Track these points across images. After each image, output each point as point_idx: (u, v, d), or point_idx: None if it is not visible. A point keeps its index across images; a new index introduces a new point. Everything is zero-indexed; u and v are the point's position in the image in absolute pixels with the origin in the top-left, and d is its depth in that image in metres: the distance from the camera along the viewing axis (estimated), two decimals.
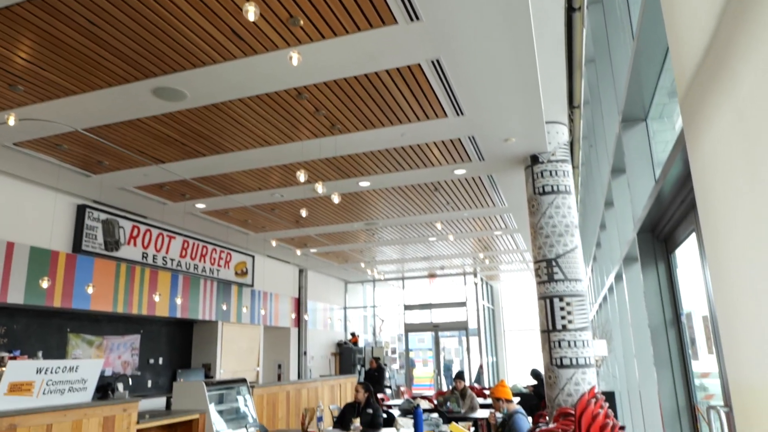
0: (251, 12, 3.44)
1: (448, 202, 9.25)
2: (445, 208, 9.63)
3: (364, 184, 8.05)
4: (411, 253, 13.81)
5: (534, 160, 6.93)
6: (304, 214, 7.29)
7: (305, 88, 5.12)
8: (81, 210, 8.12)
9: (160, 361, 10.40)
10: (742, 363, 1.29)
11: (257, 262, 12.70)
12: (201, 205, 8.87)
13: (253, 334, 12.68)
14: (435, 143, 6.56)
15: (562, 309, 6.34)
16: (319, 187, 5.88)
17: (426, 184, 8.23)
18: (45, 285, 6.77)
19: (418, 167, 7.42)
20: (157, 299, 9.20)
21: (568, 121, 7.00)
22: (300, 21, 4.07)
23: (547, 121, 6.59)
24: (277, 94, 5.25)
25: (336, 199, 6.47)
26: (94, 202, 8.37)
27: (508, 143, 6.57)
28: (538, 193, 6.79)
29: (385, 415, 7.40)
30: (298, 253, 11.25)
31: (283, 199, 8.67)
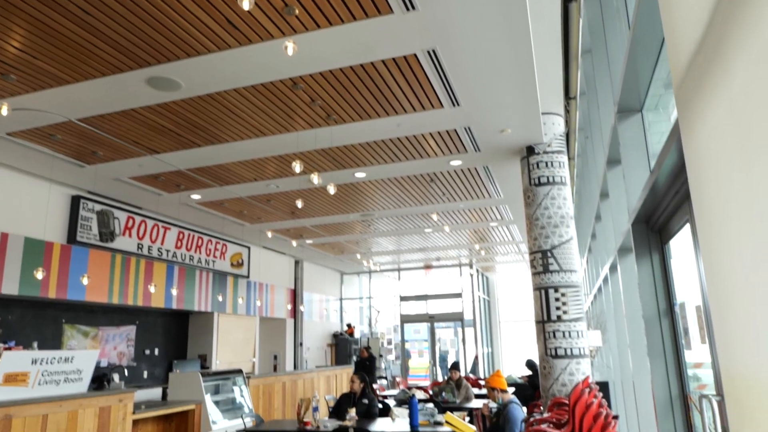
0: (246, 1, 3.41)
1: (444, 193, 9.26)
2: (441, 199, 9.63)
3: (360, 174, 8.04)
4: (407, 244, 13.83)
5: (530, 151, 6.93)
6: (299, 205, 7.28)
7: (300, 78, 5.10)
8: (75, 201, 8.08)
9: (156, 352, 10.41)
10: (734, 352, 1.30)
11: (253, 253, 12.70)
12: (196, 196, 8.85)
13: (249, 325, 12.69)
14: (431, 134, 6.55)
15: (557, 300, 6.37)
16: (314, 178, 5.87)
17: (422, 175, 8.22)
18: (40, 276, 6.75)
19: (414, 158, 7.41)
20: (152, 290, 9.19)
21: (564, 112, 7.00)
22: (295, 10, 4.04)
23: (543, 112, 6.58)
24: (272, 84, 5.22)
25: (332, 189, 6.46)
26: (89, 192, 8.33)
27: (504, 134, 6.57)
28: (534, 184, 6.80)
29: (380, 406, 7.44)
30: (294, 244, 11.24)
31: (278, 190, 8.66)
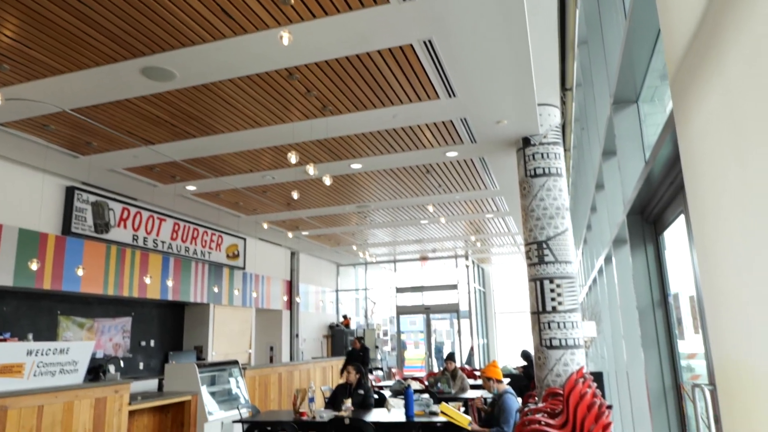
0: None
1: (439, 185, 9.25)
2: (436, 191, 9.63)
3: (356, 166, 8.02)
4: (403, 235, 13.84)
5: (526, 142, 6.93)
6: (295, 196, 7.26)
7: (296, 68, 5.07)
8: (70, 192, 8.04)
9: (152, 343, 10.41)
10: (727, 342, 1.31)
11: (249, 245, 12.68)
12: (192, 187, 8.82)
13: (245, 316, 12.71)
14: (427, 125, 6.54)
15: (552, 291, 6.39)
16: (310, 169, 5.85)
17: (418, 167, 8.21)
18: (34, 267, 6.72)
19: (410, 149, 7.39)
20: (148, 282, 9.18)
21: (561, 104, 6.99)
22: None
23: (540, 104, 6.57)
24: (267, 75, 5.20)
25: (327, 181, 6.45)
26: (83, 183, 8.29)
27: (500, 125, 6.56)
28: (530, 175, 6.80)
29: (376, 396, 7.47)
30: (290, 235, 11.24)
31: (274, 181, 8.64)
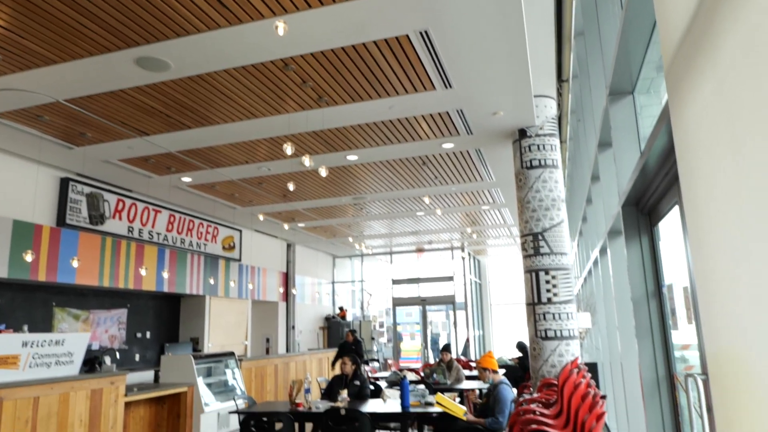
0: None
1: (436, 177, 9.25)
2: (433, 183, 9.63)
3: (352, 157, 8.01)
4: (399, 227, 13.84)
5: (522, 134, 6.92)
6: (291, 188, 7.24)
7: (292, 59, 5.04)
8: (64, 183, 8.00)
9: (148, 335, 10.42)
10: (719, 332, 1.32)
11: (245, 237, 12.67)
12: (187, 179, 8.79)
13: (241, 308, 12.72)
14: (423, 116, 6.52)
15: (548, 282, 6.41)
16: (306, 161, 5.84)
17: (414, 158, 8.20)
18: (29, 258, 6.70)
19: (406, 141, 7.38)
20: (143, 273, 9.16)
21: (557, 95, 6.98)
22: None
23: (536, 95, 6.56)
24: (263, 65, 5.17)
25: (323, 172, 6.44)
26: (78, 175, 8.25)
27: (496, 117, 6.55)
28: (526, 167, 6.80)
29: (372, 387, 7.50)
30: (286, 227, 11.23)
31: (270, 172, 8.61)
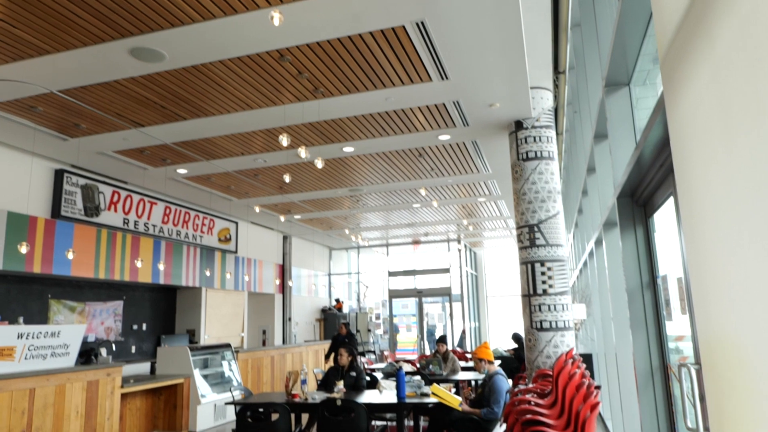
0: None
1: (432, 168, 9.25)
2: (429, 175, 9.63)
3: (348, 149, 7.99)
4: (395, 219, 13.85)
5: (518, 125, 6.92)
6: (287, 179, 7.23)
7: (287, 49, 5.02)
8: (59, 175, 7.97)
9: (144, 327, 10.42)
10: (712, 320, 1.33)
11: (241, 229, 12.66)
12: (183, 171, 8.76)
13: (238, 300, 12.73)
14: (419, 108, 6.51)
15: (543, 274, 6.44)
16: (302, 152, 5.82)
17: (410, 150, 8.19)
18: (24, 250, 6.68)
19: (403, 132, 7.37)
20: (139, 265, 9.14)
21: (553, 87, 6.98)
22: None
23: (532, 87, 6.55)
24: (258, 56, 5.14)
25: (319, 164, 6.43)
26: (72, 166, 8.21)
27: (492, 108, 6.54)
28: (522, 159, 6.81)
29: (368, 378, 7.53)
30: (282, 219, 11.21)
31: (266, 164, 8.59)
